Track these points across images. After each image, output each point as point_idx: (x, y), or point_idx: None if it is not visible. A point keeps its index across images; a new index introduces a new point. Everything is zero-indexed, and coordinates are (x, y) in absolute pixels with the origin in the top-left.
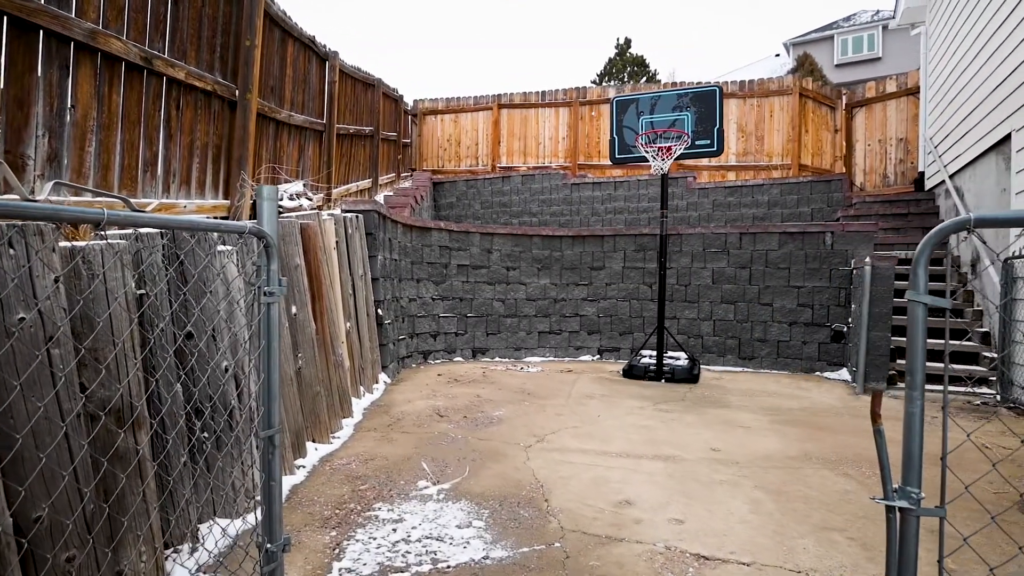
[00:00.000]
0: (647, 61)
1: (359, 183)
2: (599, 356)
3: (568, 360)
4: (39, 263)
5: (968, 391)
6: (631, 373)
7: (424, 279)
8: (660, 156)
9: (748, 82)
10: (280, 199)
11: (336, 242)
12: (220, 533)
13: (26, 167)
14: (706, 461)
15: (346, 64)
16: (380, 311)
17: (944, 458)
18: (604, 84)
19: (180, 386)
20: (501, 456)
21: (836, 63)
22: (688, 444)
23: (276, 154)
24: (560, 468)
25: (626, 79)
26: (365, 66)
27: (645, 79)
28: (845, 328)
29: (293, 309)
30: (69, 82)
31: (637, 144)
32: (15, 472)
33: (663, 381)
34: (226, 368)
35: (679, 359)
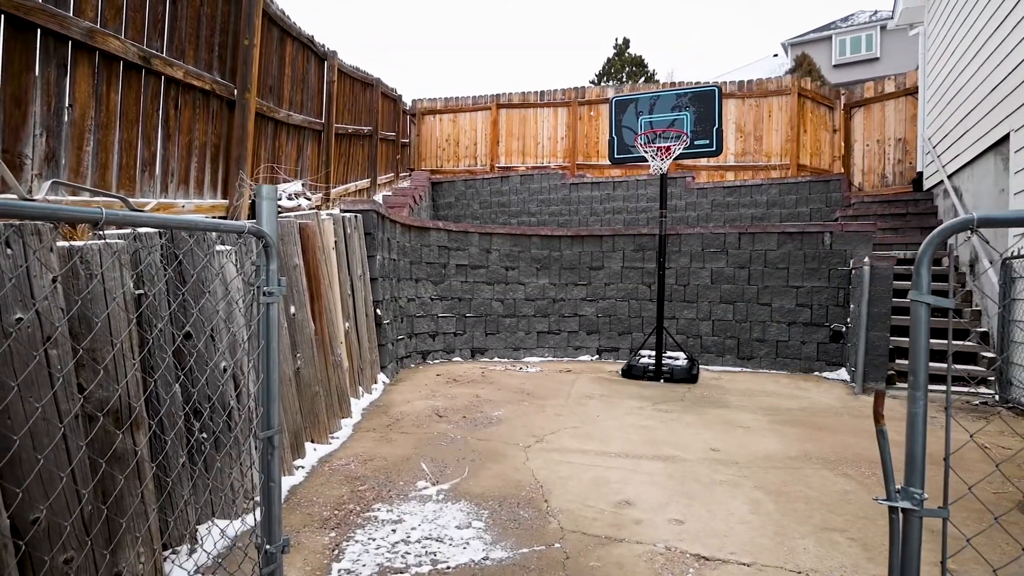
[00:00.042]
0: (646, 61)
1: (358, 183)
2: (598, 356)
3: (567, 360)
4: (37, 263)
5: (968, 391)
6: (630, 373)
7: (423, 279)
8: (659, 156)
9: (747, 82)
10: (279, 199)
11: (335, 242)
12: (219, 534)
13: (24, 166)
14: (706, 461)
15: (345, 64)
16: (379, 311)
17: (947, 459)
18: (603, 84)
19: (179, 387)
20: (500, 456)
21: (834, 63)
22: (688, 444)
23: (275, 154)
24: (560, 468)
25: (624, 79)
26: (365, 66)
27: (643, 79)
28: (844, 328)
29: (292, 309)
30: (67, 81)
31: (636, 144)
32: (13, 473)
33: (662, 381)
34: (225, 368)
35: (678, 359)
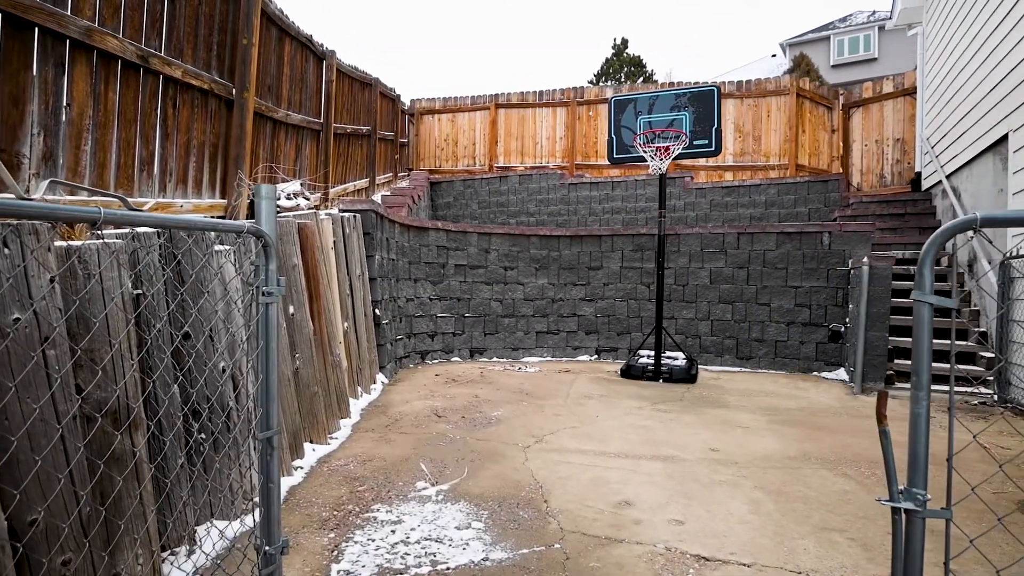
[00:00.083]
0: (644, 61)
1: (356, 183)
2: (597, 356)
3: (566, 360)
4: (34, 263)
5: (968, 391)
6: (629, 373)
7: (422, 279)
8: (658, 156)
9: (745, 82)
10: (277, 198)
11: (334, 242)
12: (218, 535)
13: (21, 165)
14: (705, 461)
15: (343, 63)
16: (378, 311)
17: (950, 459)
18: (601, 84)
19: (177, 387)
20: (500, 457)
21: (832, 64)
22: (687, 444)
23: (273, 153)
24: (559, 469)
25: (623, 79)
26: (363, 66)
27: (642, 79)
28: (843, 328)
29: (291, 309)
30: (65, 80)
31: (635, 144)
32: (10, 475)
33: (661, 381)
34: (224, 369)
35: (677, 359)
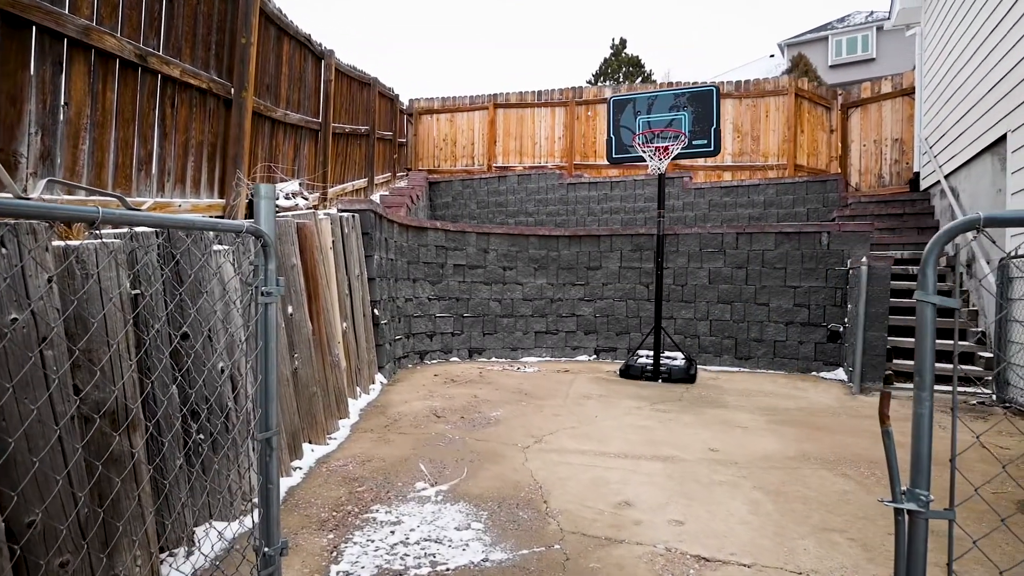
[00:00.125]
0: (642, 61)
1: (355, 182)
2: (596, 356)
3: (565, 360)
4: (32, 262)
5: (967, 391)
6: (628, 373)
7: (420, 279)
8: (657, 156)
9: (744, 82)
10: (276, 198)
11: (332, 242)
12: (216, 537)
13: (19, 165)
14: (705, 462)
15: (342, 63)
16: (376, 311)
17: (953, 460)
18: (600, 84)
19: (176, 388)
20: (499, 457)
21: (830, 64)
22: (686, 444)
23: (272, 153)
24: (558, 469)
25: (621, 79)
26: (363, 65)
27: (640, 79)
28: (841, 328)
29: (289, 309)
30: (62, 79)
31: (634, 144)
32: (8, 476)
33: (660, 381)
34: (222, 369)
35: (676, 359)
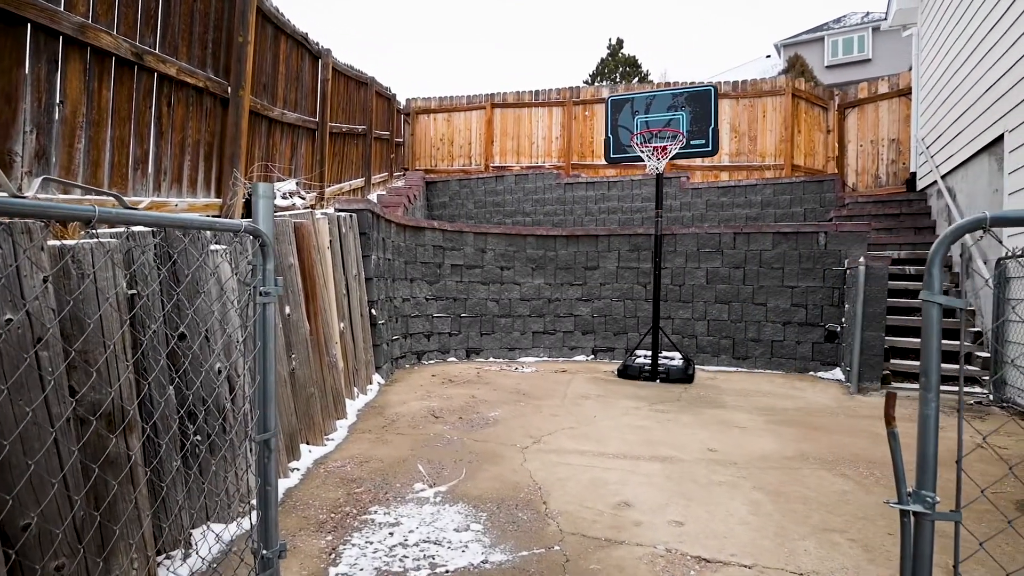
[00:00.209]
0: (639, 62)
1: (352, 182)
2: (594, 356)
3: (563, 360)
4: (27, 262)
5: (966, 391)
6: (626, 373)
7: (418, 279)
8: (655, 156)
9: (741, 83)
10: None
11: (330, 241)
12: (214, 539)
13: (13, 163)
14: (704, 462)
15: (339, 62)
16: (374, 311)
17: (959, 461)
18: (597, 84)
19: (173, 389)
20: (498, 458)
21: (827, 64)
22: (685, 445)
23: (269, 152)
24: (557, 470)
25: (618, 79)
26: (361, 64)
27: (637, 79)
28: (839, 328)
29: (287, 309)
30: (58, 77)
31: (632, 143)
32: (2, 479)
33: (658, 381)
34: (220, 370)
35: (674, 359)
